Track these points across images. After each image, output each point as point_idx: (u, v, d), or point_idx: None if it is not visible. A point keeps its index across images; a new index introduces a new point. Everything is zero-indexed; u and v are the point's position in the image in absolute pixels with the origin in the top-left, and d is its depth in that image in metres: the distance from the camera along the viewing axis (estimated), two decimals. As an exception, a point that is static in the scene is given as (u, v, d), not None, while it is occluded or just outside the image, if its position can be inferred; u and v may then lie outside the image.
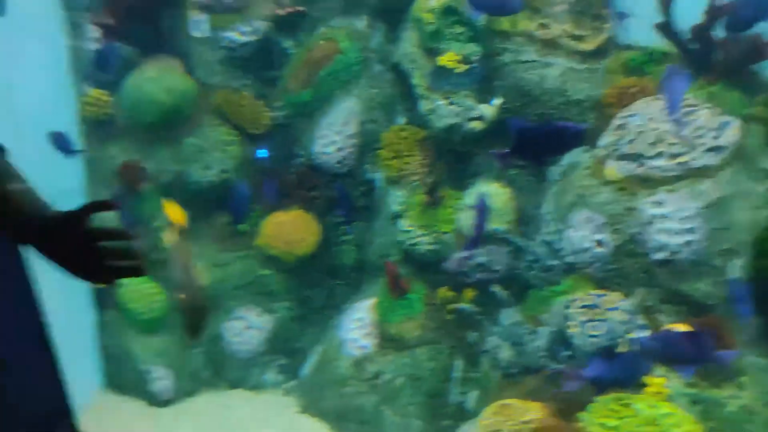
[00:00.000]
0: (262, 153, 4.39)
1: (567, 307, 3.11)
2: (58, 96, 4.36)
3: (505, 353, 3.27)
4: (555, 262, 3.62)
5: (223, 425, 3.94)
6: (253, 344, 4.29)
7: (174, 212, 1.27)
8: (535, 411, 2.73)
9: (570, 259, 3.62)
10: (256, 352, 4.32)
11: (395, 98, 4.47)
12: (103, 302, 4.40)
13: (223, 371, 4.36)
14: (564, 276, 3.63)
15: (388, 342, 4.01)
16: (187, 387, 4.29)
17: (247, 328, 4.29)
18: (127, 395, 4.33)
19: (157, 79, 4.18)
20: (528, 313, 3.68)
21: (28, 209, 1.12)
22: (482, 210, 3.59)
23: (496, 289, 3.35)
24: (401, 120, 4.43)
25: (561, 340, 3.06)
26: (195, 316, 1.43)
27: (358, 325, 4.10)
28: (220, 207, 4.35)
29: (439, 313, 4.09)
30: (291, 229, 4.21)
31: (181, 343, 4.31)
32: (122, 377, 4.42)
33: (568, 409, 2.80)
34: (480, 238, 3.66)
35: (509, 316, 3.85)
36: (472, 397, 3.95)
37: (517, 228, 4.02)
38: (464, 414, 3.89)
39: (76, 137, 4.32)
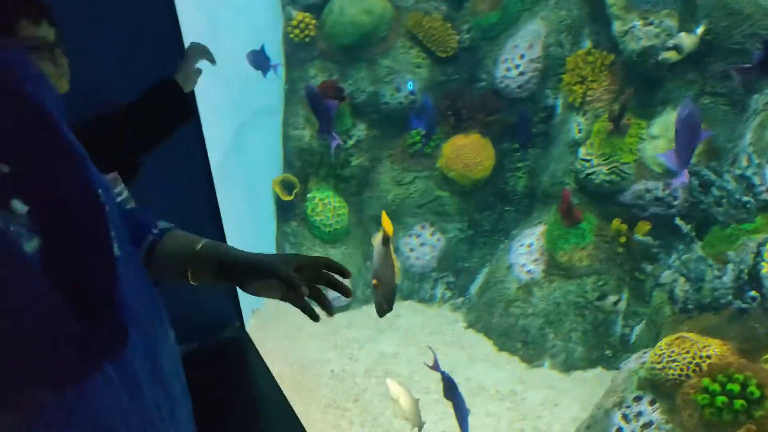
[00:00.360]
0: (411, 86, 4.51)
1: (761, 245, 2.93)
2: (266, 19, 4.75)
3: (683, 288, 3.19)
4: (748, 199, 3.40)
5: (394, 329, 4.31)
6: (426, 260, 4.58)
7: (386, 223, 1.69)
8: (715, 347, 2.68)
9: (766, 196, 3.39)
10: (428, 268, 4.61)
11: (583, 20, 4.31)
12: (286, 215, 4.83)
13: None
14: (757, 214, 3.41)
15: (556, 269, 4.07)
16: (362, 296, 4.67)
17: (421, 244, 4.57)
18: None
19: (358, 2, 4.41)
20: (709, 250, 3.52)
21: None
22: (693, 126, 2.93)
23: (680, 222, 3.23)
24: (587, 44, 4.29)
25: (748, 279, 2.92)
26: (384, 302, 1.76)
27: (527, 251, 4.20)
28: (406, 127, 4.58)
29: (610, 245, 4.06)
30: (470, 152, 4.34)
31: (361, 255, 4.72)
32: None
33: (753, 348, 2.71)
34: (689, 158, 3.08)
35: (690, 251, 3.73)
36: (636, 331, 3.94)
37: (706, 161, 3.81)
38: (627, 347, 3.90)
39: (279, 59, 4.73)
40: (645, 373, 2.92)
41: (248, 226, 4.34)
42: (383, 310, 1.78)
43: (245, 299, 3.25)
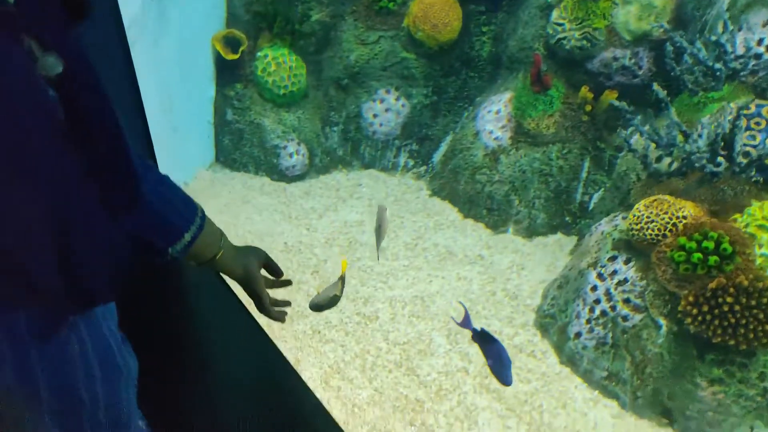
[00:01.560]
0: None
1: (741, 109, 3.02)
2: None
3: (653, 154, 3.29)
4: (719, 66, 3.45)
5: (356, 198, 4.24)
6: (390, 127, 4.46)
7: (344, 266, 1.70)
8: (689, 208, 2.81)
9: (734, 64, 3.45)
10: (391, 135, 4.50)
11: None
12: (229, 76, 4.41)
13: (357, 151, 4.59)
14: (724, 82, 3.49)
15: (523, 136, 4.08)
16: (320, 164, 4.51)
17: (386, 110, 4.42)
18: (246, 172, 4.41)
19: None
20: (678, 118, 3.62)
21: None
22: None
23: (658, 88, 3.25)
24: None
25: (722, 143, 3.03)
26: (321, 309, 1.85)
27: (494, 117, 4.16)
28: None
29: (576, 113, 4.08)
30: (438, 11, 4.10)
31: (319, 120, 4.52)
32: (244, 153, 4.47)
33: (722, 210, 2.87)
34: None
35: (659, 117, 3.83)
36: (594, 198, 4.09)
37: (675, 28, 3.80)
38: (585, 213, 4.06)
39: None
40: (619, 235, 3.06)
41: (179, 90, 3.94)
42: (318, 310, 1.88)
43: (175, 173, 2.97)
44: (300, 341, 2.77)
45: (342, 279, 1.74)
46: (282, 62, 4.22)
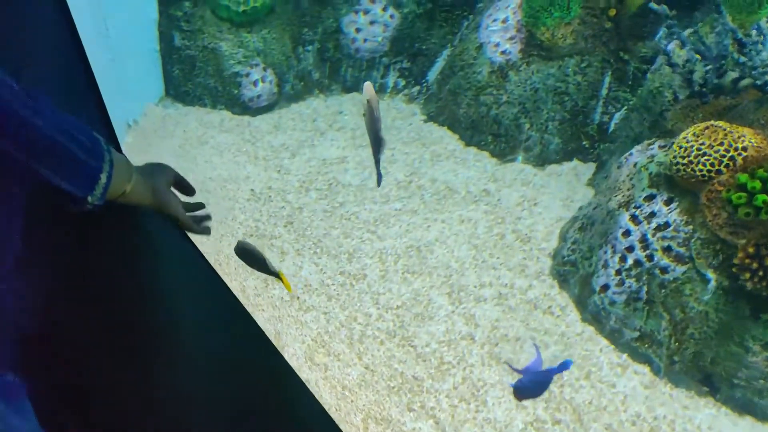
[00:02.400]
0: None
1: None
2: None
3: (698, 69, 2.70)
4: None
5: (337, 129, 3.63)
6: (376, 42, 3.80)
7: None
8: (750, 136, 2.28)
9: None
10: (378, 52, 3.85)
11: None
12: None
13: (337, 73, 3.94)
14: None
15: (535, 48, 3.46)
16: (292, 92, 3.86)
17: (371, 23, 3.75)
18: (202, 106, 3.77)
19: None
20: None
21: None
22: None
23: (707, -14, 2.64)
24: None
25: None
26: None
27: (501, 27, 3.51)
28: None
29: (598, 19, 3.44)
30: None
31: (289, 39, 3.83)
32: (198, 84, 3.82)
33: (787, 137, 2.33)
34: None
35: (702, 23, 3.21)
36: (615, 119, 3.53)
37: None
38: (605, 136, 3.51)
39: None
40: (658, 168, 2.53)
41: (114, 12, 3.25)
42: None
43: (118, 111, 2.38)
44: (278, 309, 2.29)
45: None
46: None
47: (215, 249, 2.53)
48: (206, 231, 1.42)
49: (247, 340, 1.69)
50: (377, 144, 1.68)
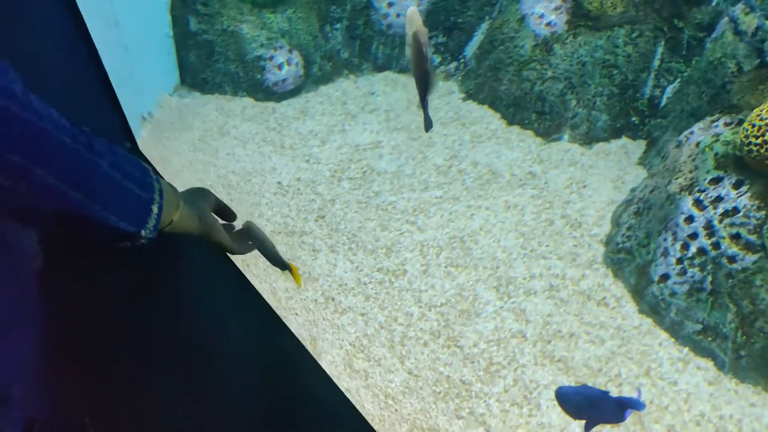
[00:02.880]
0: None
1: None
2: None
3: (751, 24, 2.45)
4: None
5: (369, 111, 3.43)
6: (411, 16, 3.60)
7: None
8: (831, 110, 2.04)
9: None
10: (412, 27, 3.65)
11: None
12: None
13: (368, 51, 3.75)
14: None
15: (583, 19, 3.22)
16: (319, 73, 3.67)
17: (404, -5, 3.55)
18: (222, 94, 3.55)
19: None
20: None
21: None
22: None
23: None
24: None
25: None
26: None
27: (545, -4, 3.27)
28: None
29: (649, -16, 3.18)
30: None
31: (316, 18, 3.63)
32: (217, 71, 3.57)
33: None
34: None
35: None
36: (668, 92, 3.28)
37: None
38: (656, 111, 3.27)
39: None
40: (725, 149, 2.30)
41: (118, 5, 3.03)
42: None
43: (131, 103, 2.17)
44: (312, 313, 2.16)
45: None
46: None
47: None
48: (249, 249, 1.38)
49: (281, 350, 1.58)
50: (424, 83, 1.49)
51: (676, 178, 2.42)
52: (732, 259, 2.18)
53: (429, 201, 2.76)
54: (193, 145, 3.10)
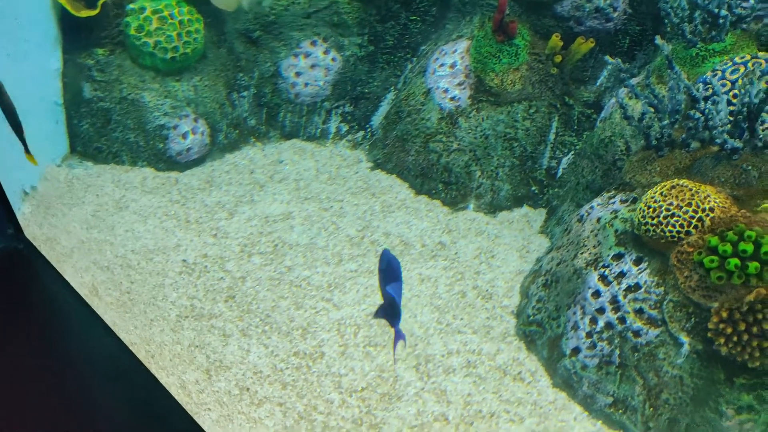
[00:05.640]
0: None
1: (753, 74, 2.41)
2: None
3: (655, 125, 2.67)
4: (722, 13, 2.85)
5: (278, 181, 3.37)
6: (318, 87, 3.60)
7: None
8: (714, 196, 2.24)
9: (740, 10, 2.87)
10: (319, 97, 3.65)
11: None
12: (83, 40, 3.30)
13: (275, 119, 3.70)
14: (727, 32, 2.91)
15: (484, 94, 3.38)
16: (226, 141, 3.58)
17: (312, 66, 3.55)
18: (119, 164, 3.35)
19: None
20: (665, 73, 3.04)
21: None
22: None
23: (661, 42, 2.61)
24: None
25: (740, 116, 2.45)
26: None
27: (449, 72, 3.41)
28: None
29: (544, 65, 3.42)
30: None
31: (223, 85, 3.54)
32: (114, 140, 3.39)
33: (746, 195, 2.32)
34: None
35: (641, 71, 3.24)
36: (563, 163, 3.50)
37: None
38: (554, 180, 3.47)
39: None
40: (624, 225, 2.46)
41: (6, 66, 2.87)
42: None
43: (11, 177, 1.99)
44: (226, 407, 2.00)
45: None
46: (168, 17, 3.20)
47: (145, 338, 2.21)
48: None
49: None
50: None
51: (582, 253, 2.54)
52: (637, 333, 2.30)
53: (344, 275, 2.71)
54: (86, 222, 2.85)
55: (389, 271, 1.69)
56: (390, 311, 1.63)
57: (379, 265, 1.66)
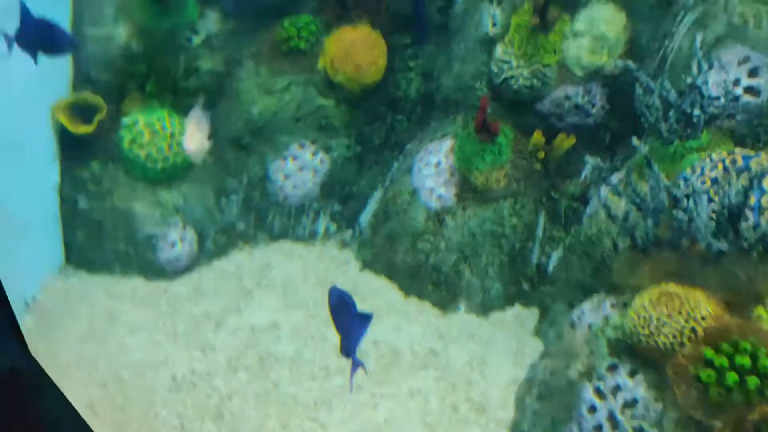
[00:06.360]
0: None
1: (760, 176, 2.42)
2: None
3: (640, 226, 2.67)
4: (695, 112, 2.91)
5: (265, 287, 3.33)
6: (306, 189, 3.63)
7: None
8: (705, 303, 2.21)
9: (713, 110, 2.93)
10: (308, 198, 3.66)
11: None
12: (80, 154, 3.41)
13: (263, 222, 3.70)
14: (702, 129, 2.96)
15: (470, 193, 3.40)
16: (213, 247, 3.57)
17: (300, 169, 3.59)
18: (111, 274, 3.37)
19: None
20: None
21: None
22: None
23: (638, 143, 2.65)
24: None
25: (722, 217, 2.45)
26: None
27: (434, 171, 3.45)
28: (276, 16, 3.44)
29: (527, 161, 3.46)
30: (361, 49, 3.35)
31: (212, 191, 3.57)
32: (106, 250, 3.43)
33: (740, 301, 2.28)
34: None
35: (621, 167, 3.27)
36: (554, 260, 3.47)
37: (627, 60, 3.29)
38: (545, 277, 3.43)
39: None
40: (616, 334, 2.40)
41: (8, 180, 2.96)
42: None
43: (15, 289, 2.01)
44: None
45: None
46: (159, 129, 3.29)
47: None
48: None
49: None
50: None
51: (574, 363, 2.47)
52: (637, 450, 2.20)
53: (331, 391, 2.62)
54: (82, 335, 2.85)
55: (342, 306, 1.78)
56: (344, 343, 1.68)
57: (330, 304, 1.73)
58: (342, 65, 3.35)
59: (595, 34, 3.33)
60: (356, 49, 3.34)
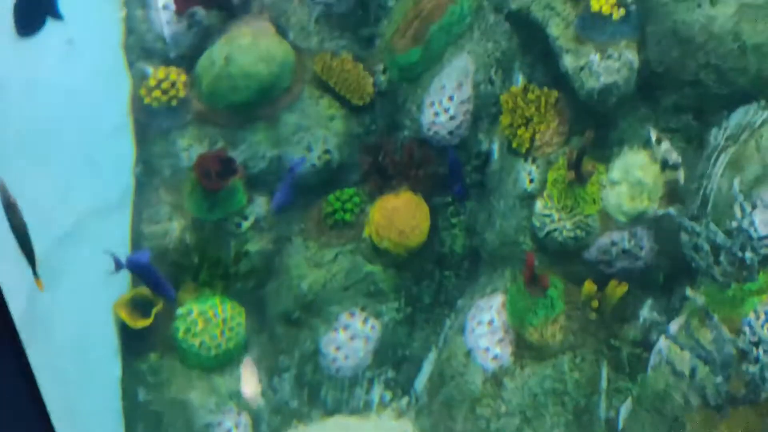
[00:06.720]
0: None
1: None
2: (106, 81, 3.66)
3: (709, 384, 2.54)
4: (747, 255, 2.85)
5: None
6: (359, 358, 3.62)
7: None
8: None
9: (765, 250, 2.88)
10: (360, 368, 3.65)
11: (513, 53, 3.69)
12: (138, 347, 3.53)
13: (317, 397, 3.69)
14: (758, 271, 2.88)
15: (526, 350, 3.33)
16: (268, 430, 3.56)
17: (351, 338, 3.61)
18: None
19: (250, 48, 3.45)
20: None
21: None
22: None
23: (692, 293, 2.60)
24: (519, 79, 3.67)
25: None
26: None
27: (488, 330, 3.41)
28: (322, 193, 3.68)
29: (581, 311, 3.41)
30: (404, 214, 3.50)
31: (264, 372, 3.63)
32: None
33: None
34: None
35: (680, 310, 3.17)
36: (623, 413, 3.28)
37: (668, 205, 3.32)
38: (615, 432, 3.23)
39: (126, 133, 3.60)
40: None
41: (77, 380, 3.14)
42: None
43: None
44: None
45: None
46: (212, 316, 3.43)
47: None
48: None
49: None
50: None
51: None
52: None
53: None
54: None
55: None
56: None
57: None
58: (386, 232, 3.49)
59: (632, 181, 3.39)
60: (399, 216, 3.49)
